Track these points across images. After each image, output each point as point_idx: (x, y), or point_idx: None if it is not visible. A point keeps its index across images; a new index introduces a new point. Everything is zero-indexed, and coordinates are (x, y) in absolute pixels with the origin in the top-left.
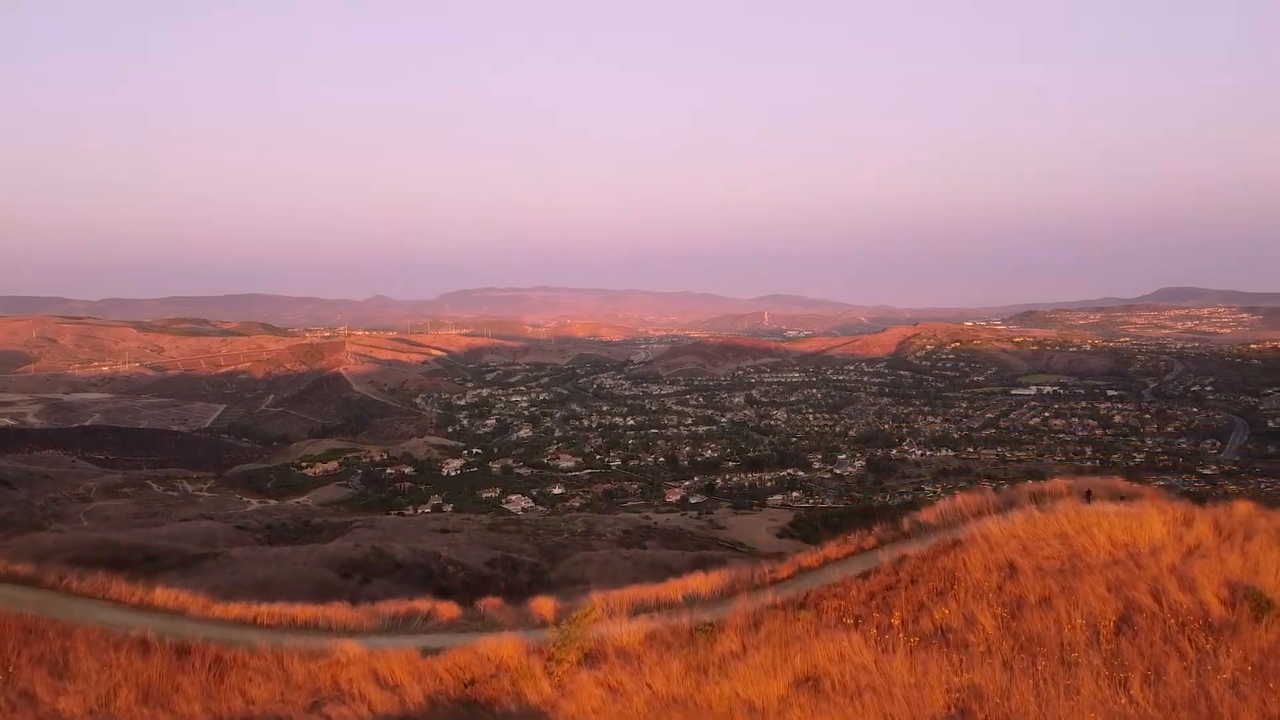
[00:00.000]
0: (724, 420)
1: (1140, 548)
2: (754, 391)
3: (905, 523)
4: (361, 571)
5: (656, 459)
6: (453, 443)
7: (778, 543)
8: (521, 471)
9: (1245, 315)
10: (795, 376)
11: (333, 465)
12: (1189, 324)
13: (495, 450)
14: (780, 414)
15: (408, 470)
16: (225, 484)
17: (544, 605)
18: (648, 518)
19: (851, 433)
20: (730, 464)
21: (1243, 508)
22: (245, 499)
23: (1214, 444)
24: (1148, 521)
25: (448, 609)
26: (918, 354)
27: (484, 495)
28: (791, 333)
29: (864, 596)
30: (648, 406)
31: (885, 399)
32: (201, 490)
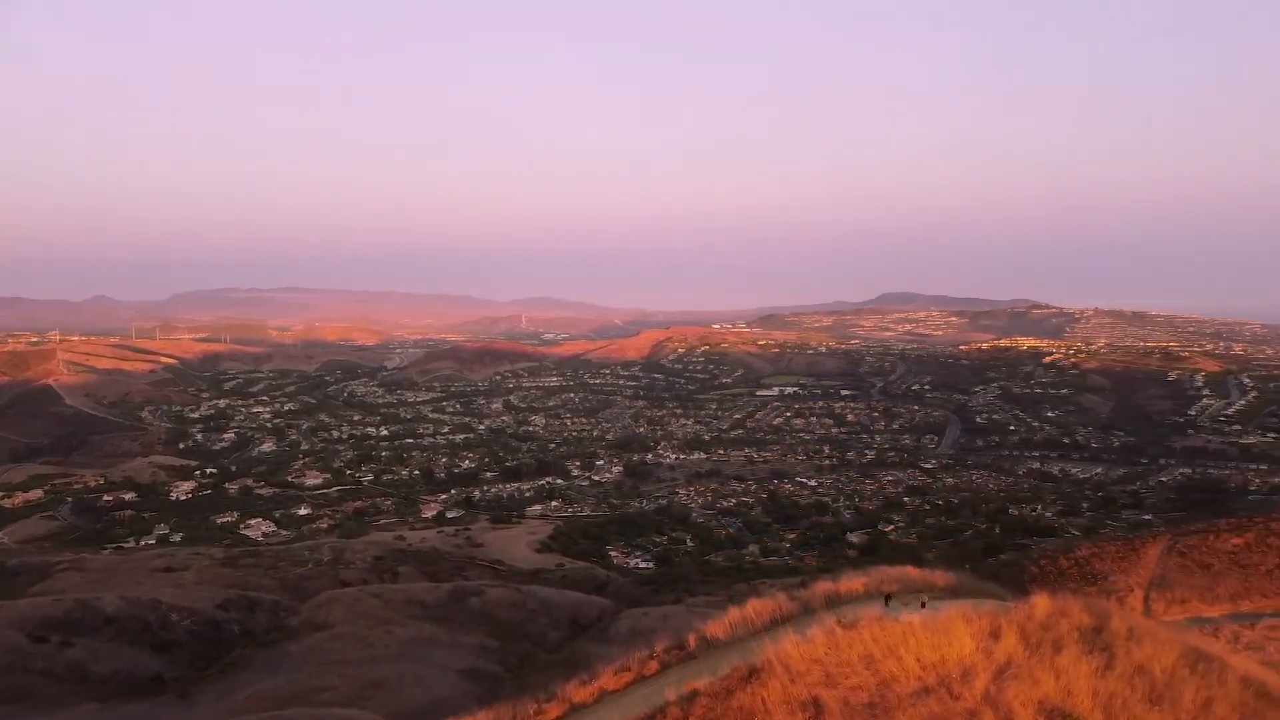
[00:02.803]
0: (482, 428)
1: (951, 670)
2: (512, 397)
3: (691, 640)
4: (61, 632)
5: (412, 472)
6: (184, 461)
7: (537, 558)
8: (263, 492)
9: (954, 318)
10: (553, 381)
11: (37, 494)
12: (908, 326)
13: (233, 469)
14: (539, 419)
15: (129, 496)
16: None
17: None
18: (402, 537)
19: (609, 436)
20: (489, 474)
21: (1042, 608)
22: None
23: (933, 439)
24: (955, 636)
25: None
26: (670, 357)
27: (219, 521)
28: (549, 336)
29: None
30: (403, 415)
31: (640, 402)
32: None
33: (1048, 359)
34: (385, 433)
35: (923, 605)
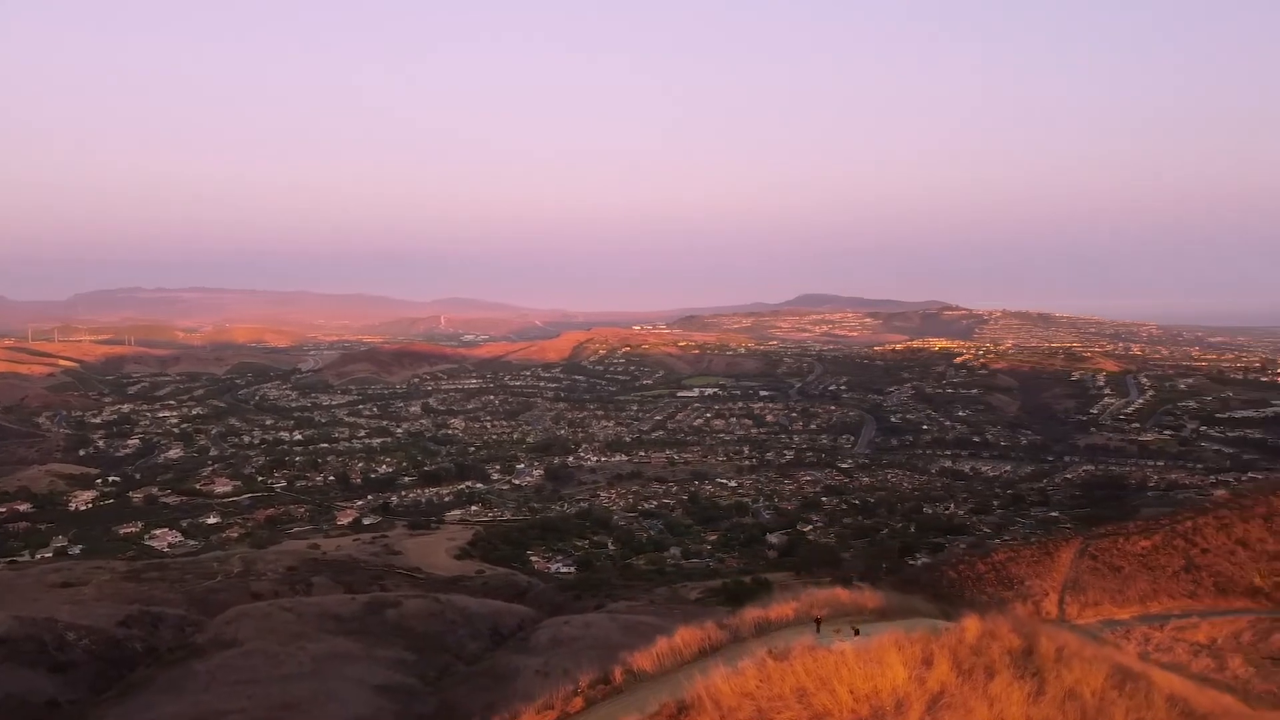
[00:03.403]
0: (400, 431)
1: (885, 701)
2: (431, 400)
3: (618, 674)
4: None
5: (327, 478)
6: (84, 469)
7: (457, 565)
8: (169, 500)
9: (869, 319)
10: (473, 383)
11: None
12: (825, 327)
13: (138, 476)
14: (458, 423)
15: (24, 507)
16: None
17: None
18: (316, 546)
19: (530, 439)
20: (407, 479)
21: (972, 631)
22: None
23: (849, 439)
24: (888, 664)
25: None
26: (591, 358)
27: (122, 532)
28: (469, 337)
29: None
30: (317, 419)
31: (561, 404)
32: None
33: (958, 359)
34: (299, 437)
35: (856, 633)
